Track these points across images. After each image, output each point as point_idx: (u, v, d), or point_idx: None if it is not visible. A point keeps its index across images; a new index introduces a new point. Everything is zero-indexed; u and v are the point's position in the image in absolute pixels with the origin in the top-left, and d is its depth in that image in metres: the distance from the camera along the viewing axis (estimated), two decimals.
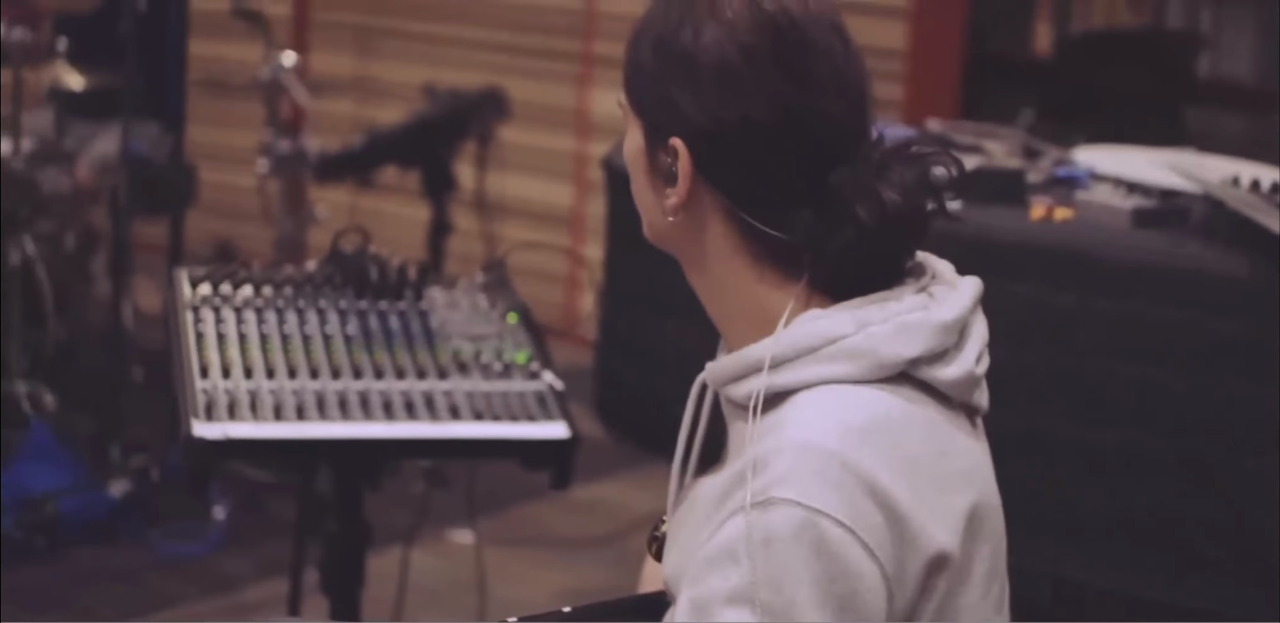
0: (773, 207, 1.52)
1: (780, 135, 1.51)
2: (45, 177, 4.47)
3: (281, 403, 2.43)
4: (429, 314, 2.67)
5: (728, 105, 1.51)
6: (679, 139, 1.52)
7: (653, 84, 1.54)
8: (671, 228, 1.58)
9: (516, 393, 2.54)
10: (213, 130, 6.01)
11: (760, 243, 1.54)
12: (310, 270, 2.72)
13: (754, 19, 1.51)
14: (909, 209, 1.51)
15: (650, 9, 1.57)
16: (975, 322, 1.58)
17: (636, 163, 1.59)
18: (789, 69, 1.51)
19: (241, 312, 2.61)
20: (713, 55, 1.51)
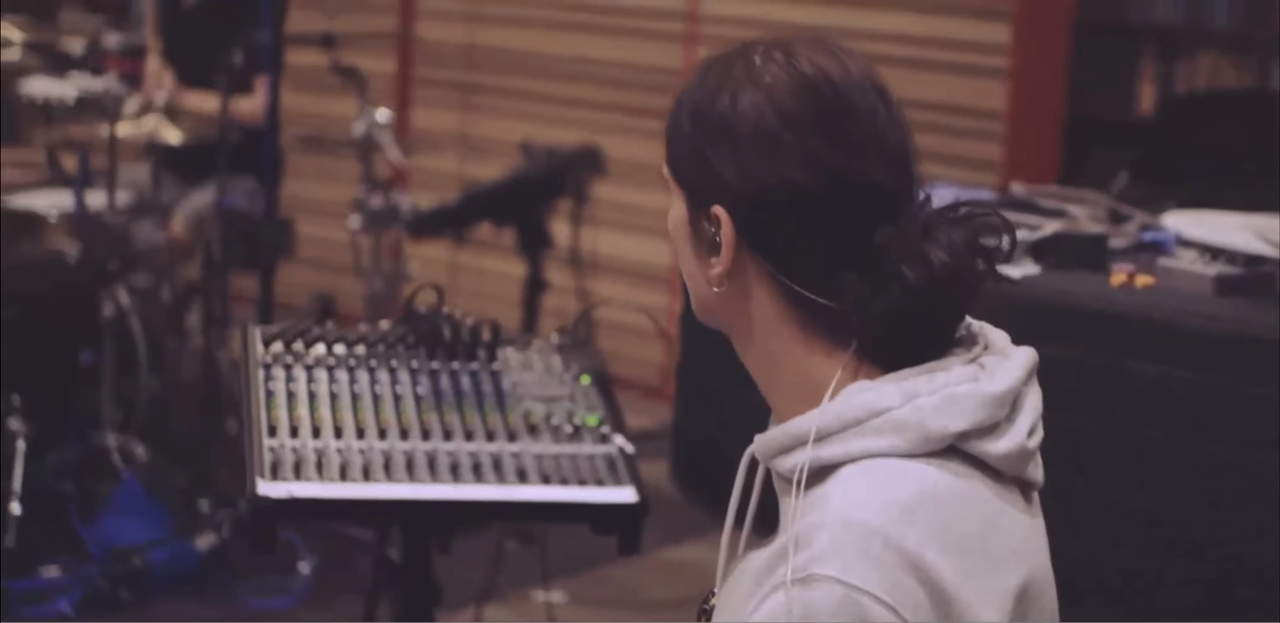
0: (818, 272, 1.49)
1: (822, 198, 1.48)
2: (140, 230, 4.52)
3: (348, 463, 2.43)
4: (501, 375, 2.66)
5: (767, 169, 1.48)
6: (720, 207, 1.50)
7: (692, 152, 1.52)
8: (717, 299, 1.56)
9: (586, 456, 2.52)
10: (313, 184, 6.06)
11: (807, 310, 1.51)
12: (384, 329, 2.71)
13: (792, 82, 1.50)
14: (957, 269, 1.47)
15: (690, 78, 1.56)
16: (1029, 394, 1.54)
17: (680, 234, 1.57)
18: (828, 132, 1.48)
19: (313, 370, 2.61)
20: (750, 120, 1.49)
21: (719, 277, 1.53)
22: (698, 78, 1.55)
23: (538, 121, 5.93)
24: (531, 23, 5.99)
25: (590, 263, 5.43)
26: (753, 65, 1.52)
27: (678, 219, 1.56)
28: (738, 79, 1.52)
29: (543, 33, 5.96)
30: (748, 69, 1.52)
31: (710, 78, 1.54)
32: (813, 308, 1.51)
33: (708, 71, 1.55)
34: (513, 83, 6.04)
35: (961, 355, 1.53)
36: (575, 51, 5.86)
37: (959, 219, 1.51)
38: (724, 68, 1.54)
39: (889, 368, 1.51)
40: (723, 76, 1.53)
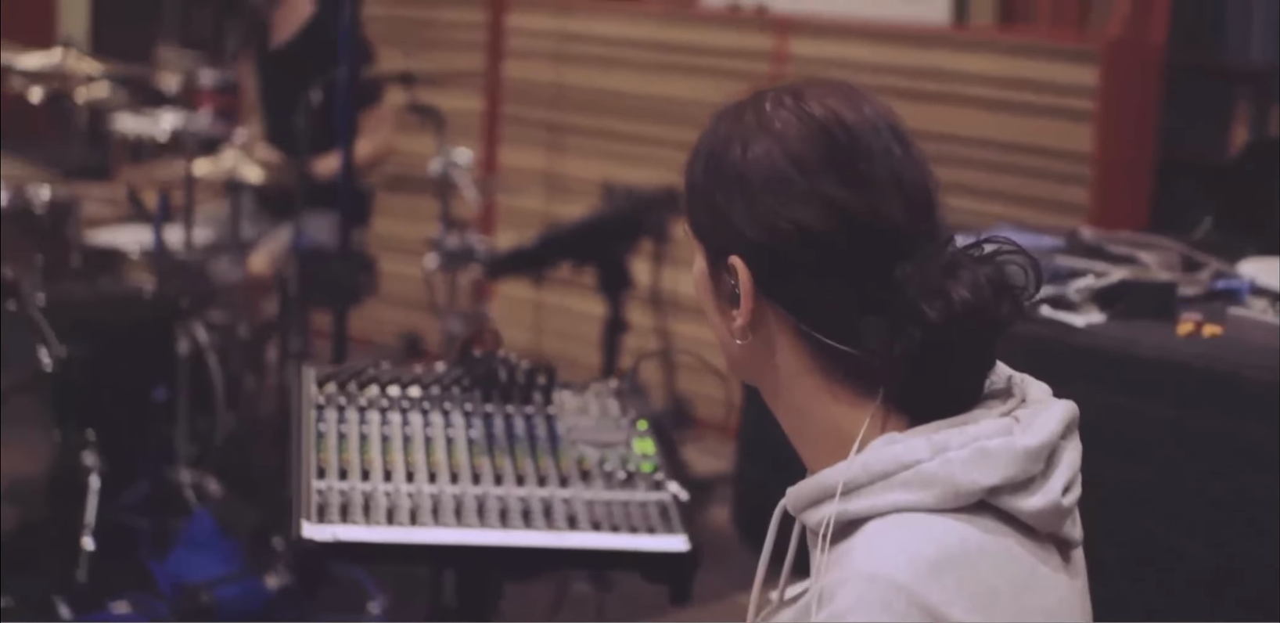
0: (839, 318, 1.46)
1: (837, 241, 1.45)
2: (219, 266, 4.54)
3: (395, 506, 2.40)
4: (556, 419, 2.63)
5: (779, 214, 1.46)
6: (736, 256, 1.48)
7: (707, 203, 1.51)
8: (743, 353, 1.53)
9: (639, 503, 2.48)
10: (397, 222, 6.07)
11: (831, 359, 1.48)
12: (440, 371, 2.69)
13: (802, 126, 1.47)
14: (980, 307, 1.43)
15: (705, 131, 1.54)
16: (1066, 448, 1.49)
17: (703, 288, 1.55)
18: (841, 173, 1.45)
19: (366, 411, 2.59)
20: (762, 166, 1.47)
21: (741, 329, 1.50)
22: (711, 128, 1.53)
23: (622, 161, 5.92)
24: (618, 62, 5.98)
25: (671, 303, 5.40)
26: (763, 112, 1.50)
27: (699, 273, 1.55)
28: (749, 126, 1.50)
29: (629, 72, 5.94)
30: (758, 116, 1.50)
31: (722, 127, 1.52)
32: (837, 356, 1.47)
33: (720, 121, 1.53)
34: (598, 122, 6.03)
35: (996, 408, 1.49)
36: (661, 91, 5.84)
37: (984, 257, 1.46)
38: (735, 116, 1.52)
39: (918, 418, 1.47)
40: (734, 125, 1.51)
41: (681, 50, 5.81)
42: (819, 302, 1.47)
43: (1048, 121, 4.99)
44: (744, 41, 5.66)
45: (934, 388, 1.47)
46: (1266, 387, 2.67)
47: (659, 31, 5.88)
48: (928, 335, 1.42)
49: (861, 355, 1.45)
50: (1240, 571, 2.69)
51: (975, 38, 5.27)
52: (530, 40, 6.23)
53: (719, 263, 1.50)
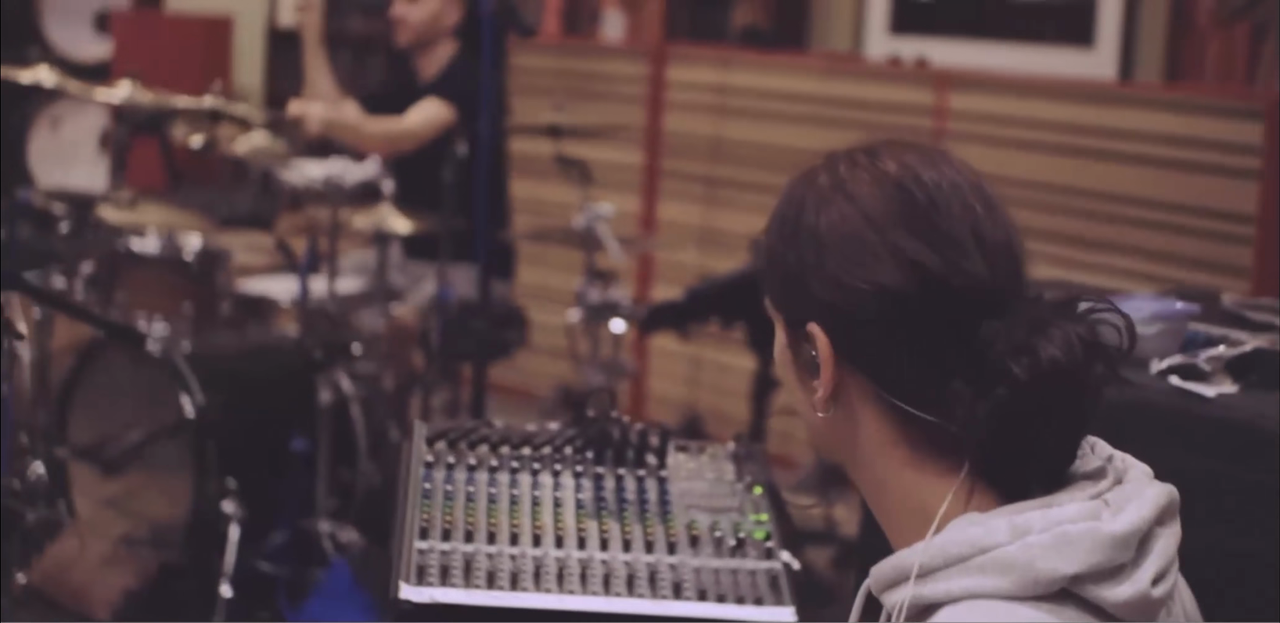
0: (923, 385, 1.40)
1: (917, 302, 1.39)
2: (364, 316, 4.54)
3: (496, 570, 2.34)
4: (668, 482, 2.56)
5: (857, 277, 1.40)
6: (815, 324, 1.42)
7: (783, 271, 1.47)
8: (825, 426, 1.47)
9: (748, 571, 2.40)
10: (550, 272, 6.06)
11: (916, 429, 1.41)
12: (553, 431, 2.64)
13: (877, 185, 1.43)
14: (1072, 368, 1.35)
15: (781, 197, 1.51)
16: (1161, 536, 1.40)
17: (784, 362, 1.51)
18: (918, 230, 1.40)
19: (474, 471, 2.54)
20: (837, 228, 1.42)
21: (823, 401, 1.44)
22: (786, 195, 1.50)
23: None
24: (777, 116, 5.93)
25: None
26: (836, 173, 1.46)
27: (780, 346, 1.50)
28: (822, 188, 1.46)
29: (787, 125, 5.89)
30: (832, 177, 1.46)
31: (796, 191, 1.49)
32: (921, 426, 1.41)
33: (795, 186, 1.49)
34: (756, 176, 5.98)
35: (1086, 489, 1.40)
36: (818, 145, 5.73)
37: (1075, 315, 1.39)
38: (809, 180, 1.48)
39: (1005, 493, 1.40)
40: (808, 188, 1.47)
41: (840, 104, 5.75)
42: (901, 367, 1.41)
43: (1212, 180, 4.85)
44: (903, 95, 5.58)
45: (1022, 457, 1.39)
46: None
47: (818, 85, 5.83)
48: (1015, 397, 1.35)
49: (946, 424, 1.38)
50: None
51: (1141, 94, 5.15)
52: (690, 94, 6.20)
53: (798, 332, 1.46)
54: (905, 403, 1.41)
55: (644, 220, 6.29)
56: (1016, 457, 1.39)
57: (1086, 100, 5.16)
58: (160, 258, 4.61)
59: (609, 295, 4.53)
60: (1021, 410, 1.35)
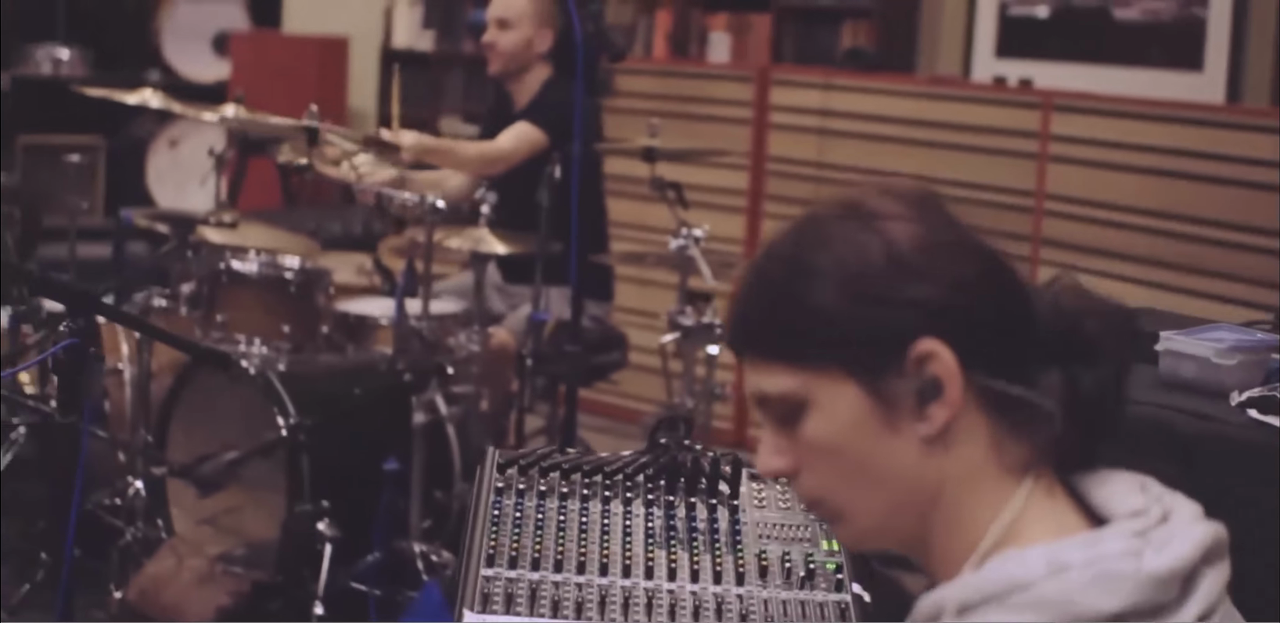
0: (1025, 372, 1.43)
1: (1001, 285, 1.44)
2: (460, 338, 4.56)
3: (561, 598, 2.34)
4: (741, 512, 2.54)
5: (957, 274, 1.41)
6: (924, 340, 1.39)
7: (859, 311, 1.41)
8: (920, 470, 1.42)
9: (817, 603, 2.38)
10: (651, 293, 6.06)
11: (1008, 424, 1.43)
12: (625, 458, 2.62)
13: (900, 198, 1.47)
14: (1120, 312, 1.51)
15: (802, 261, 1.45)
16: (1208, 575, 1.38)
17: (856, 432, 1.42)
18: (961, 224, 1.47)
19: (545, 498, 2.54)
20: (910, 238, 1.43)
21: (943, 424, 1.40)
22: (809, 238, 1.45)
23: None
24: (879, 138, 5.89)
25: None
26: (856, 208, 1.46)
27: (842, 415, 1.42)
28: (860, 221, 1.45)
29: (892, 149, 5.85)
30: (857, 212, 1.46)
31: (826, 231, 1.44)
32: (1011, 421, 1.43)
33: (824, 240, 1.44)
34: None
35: (1130, 525, 1.38)
36: (922, 169, 5.73)
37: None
38: (834, 227, 1.45)
39: (1071, 487, 1.45)
40: (842, 230, 1.44)
41: (942, 127, 5.70)
42: (1003, 354, 1.43)
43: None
44: (1006, 118, 5.52)
45: (1101, 423, 1.45)
46: None
47: (918, 108, 5.78)
48: (1084, 353, 1.43)
49: (1043, 401, 1.42)
50: None
51: (1248, 119, 5.07)
52: (794, 116, 6.17)
53: (880, 375, 1.41)
54: (1017, 389, 1.41)
55: (748, 244, 6.27)
56: (1098, 423, 1.44)
57: (1192, 124, 5.09)
58: (260, 278, 4.66)
59: (704, 318, 4.50)
60: (1110, 379, 1.44)
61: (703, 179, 6.33)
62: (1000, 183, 5.50)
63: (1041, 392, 1.42)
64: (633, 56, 7.15)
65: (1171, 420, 2.35)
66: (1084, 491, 1.46)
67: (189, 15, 9.41)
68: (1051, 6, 6.04)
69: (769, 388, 1.44)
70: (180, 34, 9.41)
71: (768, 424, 1.47)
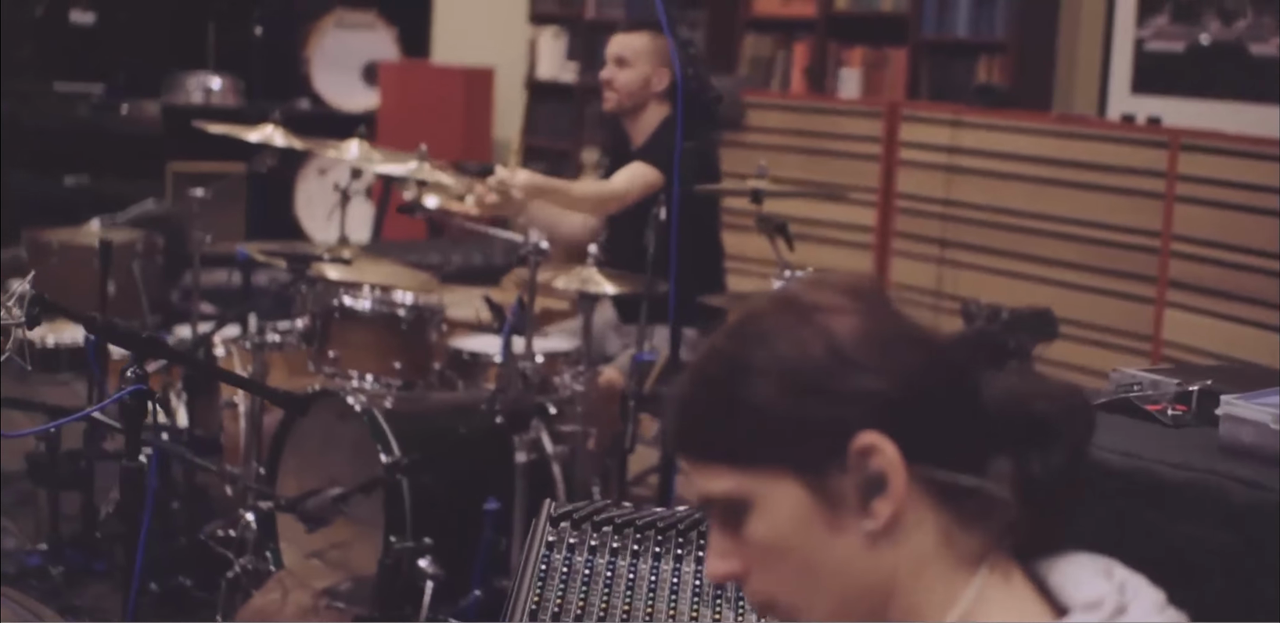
0: (973, 461, 1.41)
1: (957, 373, 1.42)
2: (565, 378, 4.56)
3: None
4: None
5: (904, 365, 1.39)
6: (865, 433, 1.37)
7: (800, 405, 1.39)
8: (868, 566, 1.39)
9: None
10: None
11: (958, 514, 1.40)
12: (679, 514, 2.61)
13: (841, 292, 1.44)
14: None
15: (736, 357, 1.42)
16: None
17: (798, 527, 1.39)
18: (906, 317, 1.44)
19: (595, 554, 2.53)
20: (856, 331, 1.40)
21: (887, 520, 1.38)
22: (751, 334, 1.42)
23: (1011, 278, 5.75)
24: (1007, 176, 5.82)
25: None
26: (794, 302, 1.44)
27: (786, 514, 1.39)
28: (798, 315, 1.42)
29: (1018, 187, 5.78)
30: (795, 306, 1.43)
31: (773, 334, 1.41)
32: (961, 511, 1.40)
33: (762, 336, 1.42)
34: (988, 238, 5.87)
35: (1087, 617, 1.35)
36: (1048, 208, 5.66)
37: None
38: (771, 322, 1.42)
39: (1029, 569, 1.43)
40: (780, 325, 1.42)
41: (1074, 165, 5.62)
42: (951, 445, 1.40)
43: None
44: (1134, 157, 5.42)
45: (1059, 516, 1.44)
46: None
47: (1046, 145, 5.70)
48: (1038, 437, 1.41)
49: (997, 491, 1.39)
50: None
51: None
52: (923, 153, 6.12)
53: (823, 471, 1.38)
54: (972, 484, 1.39)
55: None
56: (1055, 507, 1.43)
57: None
58: (372, 315, 4.70)
59: None
60: (1064, 466, 1.41)
61: (831, 215, 6.31)
62: (1126, 223, 5.41)
63: (993, 479, 1.39)
64: (769, 91, 7.14)
65: (1224, 488, 2.29)
66: (1045, 576, 1.42)
67: (339, 45, 9.56)
68: (1187, 42, 5.93)
69: (712, 489, 1.42)
70: (330, 63, 9.56)
71: (714, 526, 1.45)
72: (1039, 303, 5.27)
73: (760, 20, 7.53)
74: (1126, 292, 5.40)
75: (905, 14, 6.80)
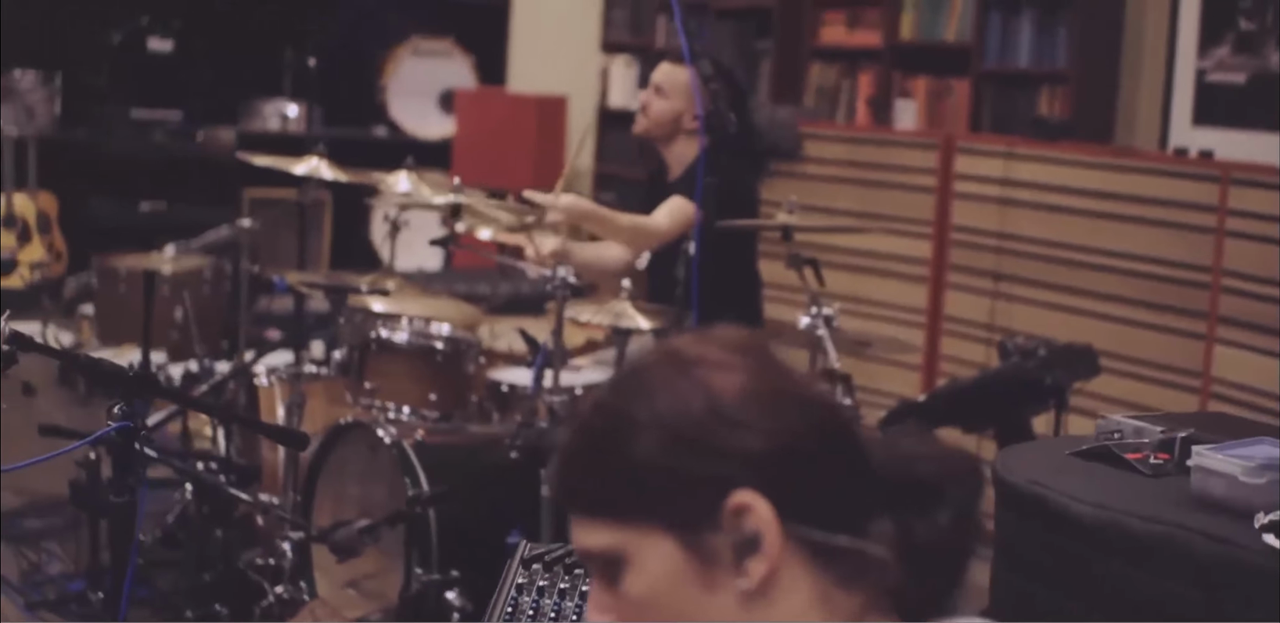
0: (845, 518, 1.40)
1: (836, 432, 1.41)
2: None
3: None
4: None
5: (779, 424, 1.38)
6: (740, 492, 1.36)
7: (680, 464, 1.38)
8: (748, 620, 1.38)
9: None
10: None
11: (835, 576, 1.39)
12: None
13: (723, 349, 1.43)
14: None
15: (618, 415, 1.41)
16: None
17: (671, 585, 1.38)
18: (790, 372, 1.43)
19: (564, 598, 2.52)
20: (732, 388, 1.39)
21: (761, 580, 1.37)
22: (633, 400, 1.41)
23: (1063, 312, 5.69)
24: (1059, 209, 5.76)
25: None
26: (677, 356, 1.43)
27: (660, 572, 1.38)
28: (680, 370, 1.42)
29: (1069, 220, 5.72)
30: (680, 360, 1.42)
31: (654, 387, 1.41)
32: (838, 571, 1.39)
33: (644, 390, 1.41)
34: (1041, 272, 5.82)
35: None
36: (1097, 241, 5.59)
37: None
38: (654, 376, 1.42)
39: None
40: (662, 379, 1.41)
41: (1119, 198, 5.55)
42: (828, 505, 1.39)
43: None
44: (1184, 191, 5.35)
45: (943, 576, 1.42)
46: None
47: (1097, 178, 5.64)
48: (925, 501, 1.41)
49: (876, 550, 1.38)
50: None
51: None
52: (977, 185, 6.08)
53: (699, 530, 1.37)
54: (847, 541, 1.38)
55: (930, 314, 6.19)
56: (938, 570, 1.41)
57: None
58: (409, 347, 4.72)
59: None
60: (929, 516, 1.41)
61: (886, 247, 6.28)
62: (1177, 257, 5.34)
63: (874, 540, 1.38)
64: (829, 122, 7.12)
65: (1190, 543, 2.26)
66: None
67: (415, 72, 9.63)
68: (1249, 73, 5.85)
69: (589, 543, 1.42)
70: (407, 91, 9.63)
71: (594, 580, 1.45)
72: (1089, 338, 5.22)
73: (826, 49, 7.51)
74: (1176, 327, 5.33)
75: (968, 44, 6.76)
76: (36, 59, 8.35)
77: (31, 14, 8.70)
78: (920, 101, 6.98)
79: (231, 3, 9.34)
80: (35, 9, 8.74)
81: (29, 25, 8.69)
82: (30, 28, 8.70)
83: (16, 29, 8.52)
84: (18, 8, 8.50)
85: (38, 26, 8.76)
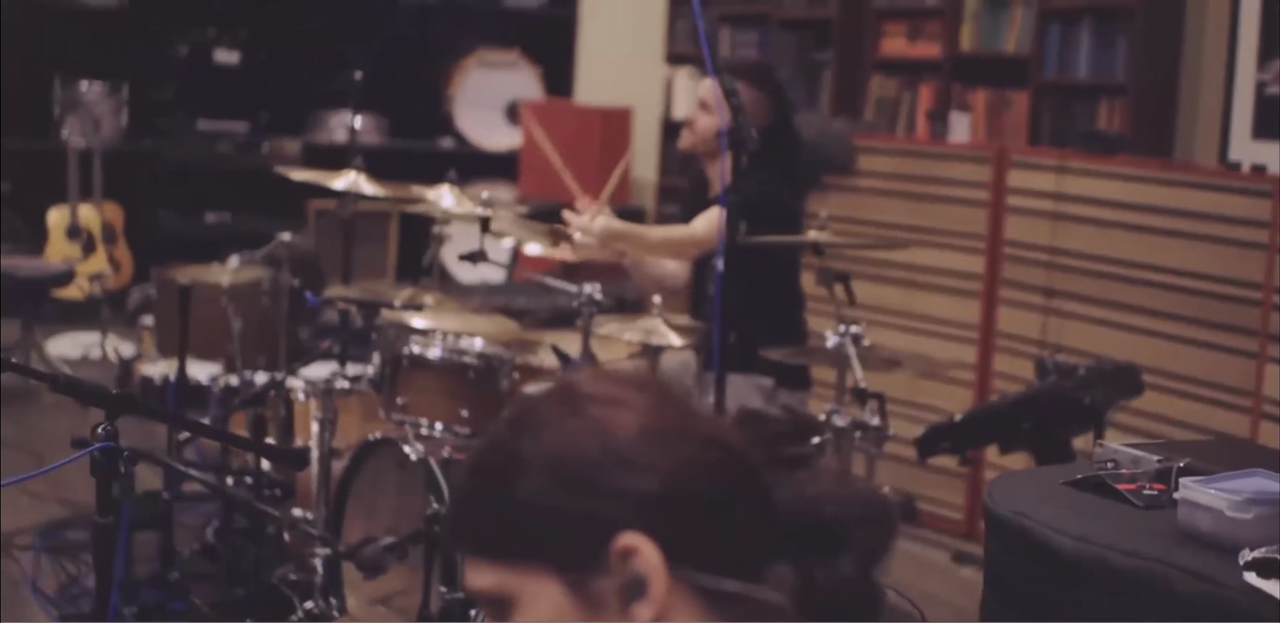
0: (742, 562, 1.36)
1: (734, 472, 1.37)
2: None
3: None
4: None
5: (674, 462, 1.34)
6: (627, 534, 1.32)
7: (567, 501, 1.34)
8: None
9: None
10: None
11: (734, 616, 1.36)
12: None
13: (618, 386, 1.39)
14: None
15: (503, 458, 1.38)
16: None
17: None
18: (690, 409, 1.40)
19: None
20: (628, 426, 1.35)
21: (656, 618, 1.33)
22: (524, 437, 1.37)
23: (1114, 328, 5.60)
24: (1110, 224, 5.67)
25: None
26: (572, 393, 1.40)
27: (545, 614, 1.35)
28: (573, 407, 1.39)
29: (1120, 235, 5.63)
30: (573, 397, 1.39)
31: (545, 425, 1.37)
32: (734, 612, 1.35)
33: (535, 427, 1.38)
34: (1092, 288, 5.73)
35: None
36: (1147, 257, 5.50)
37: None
38: (546, 413, 1.38)
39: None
40: (554, 416, 1.38)
41: (1176, 214, 5.45)
42: (723, 548, 1.36)
43: None
44: (1237, 206, 5.24)
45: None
46: None
47: (1148, 193, 5.54)
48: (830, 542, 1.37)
49: (771, 596, 1.34)
50: None
51: None
52: (1030, 199, 5.99)
53: (584, 571, 1.34)
54: (733, 584, 1.34)
55: (982, 329, 6.10)
56: (840, 616, 1.37)
57: None
58: (440, 362, 4.69)
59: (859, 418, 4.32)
60: (829, 561, 1.37)
61: (939, 262, 6.20)
62: (1228, 273, 5.23)
63: (771, 585, 1.34)
64: (884, 135, 7.05)
65: (1169, 579, 2.19)
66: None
67: (482, 84, 9.64)
68: None
69: (477, 584, 1.38)
70: (473, 102, 9.64)
71: (485, 620, 1.42)
72: (1140, 355, 5.14)
73: (887, 61, 7.44)
74: (1228, 345, 5.22)
75: (1027, 55, 6.68)
76: (103, 71, 8.42)
77: (99, 26, 8.77)
78: (979, 114, 6.89)
79: (298, 14, 9.37)
80: (102, 21, 8.81)
81: (96, 37, 8.76)
82: (97, 40, 8.77)
83: (84, 41, 8.59)
84: (85, 21, 8.57)
85: (105, 39, 8.83)
